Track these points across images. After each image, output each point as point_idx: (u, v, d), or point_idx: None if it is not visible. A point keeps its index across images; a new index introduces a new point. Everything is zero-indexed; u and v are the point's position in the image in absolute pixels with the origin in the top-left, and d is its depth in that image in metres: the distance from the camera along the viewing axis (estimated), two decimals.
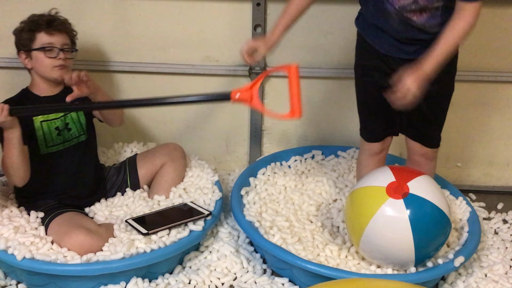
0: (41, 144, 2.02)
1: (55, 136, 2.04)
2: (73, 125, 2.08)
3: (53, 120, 2.04)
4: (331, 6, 2.32)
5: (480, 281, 1.94)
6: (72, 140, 2.08)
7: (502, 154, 2.58)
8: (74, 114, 2.09)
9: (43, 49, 1.98)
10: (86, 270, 1.77)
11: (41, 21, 2.00)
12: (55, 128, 2.03)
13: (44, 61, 1.99)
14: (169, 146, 2.28)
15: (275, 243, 1.93)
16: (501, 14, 2.31)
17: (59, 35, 2.01)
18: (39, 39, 1.99)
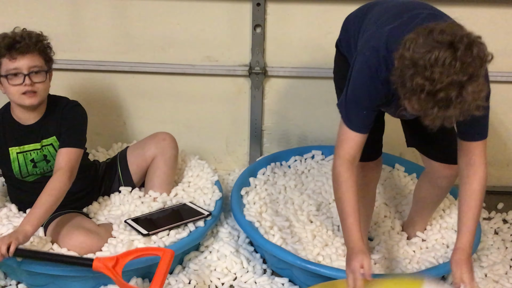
0: (16, 174, 1.97)
1: (31, 168, 1.96)
2: (51, 158, 1.97)
3: (29, 151, 1.96)
4: (331, 6, 2.32)
5: (480, 281, 1.94)
6: (50, 172, 1.94)
7: (502, 154, 2.58)
8: (51, 148, 1.97)
9: (6, 76, 1.83)
10: (86, 270, 1.77)
11: (3, 45, 1.81)
12: (30, 160, 1.96)
13: (10, 88, 1.84)
14: (157, 137, 2.18)
15: (275, 243, 1.93)
16: (501, 14, 2.31)
17: (25, 58, 1.82)
18: (4, 65, 1.83)
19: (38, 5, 2.33)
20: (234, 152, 2.66)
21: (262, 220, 2.06)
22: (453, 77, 1.30)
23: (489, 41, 2.37)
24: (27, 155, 1.96)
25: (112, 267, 1.62)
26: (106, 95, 2.43)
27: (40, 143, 1.96)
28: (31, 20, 2.32)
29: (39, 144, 1.96)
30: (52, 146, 1.97)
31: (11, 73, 1.83)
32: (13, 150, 1.95)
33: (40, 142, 1.96)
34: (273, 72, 2.44)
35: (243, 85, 2.49)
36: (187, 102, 2.54)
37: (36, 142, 1.96)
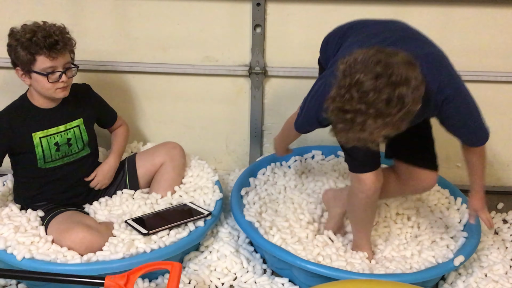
0: (39, 159, 2.00)
1: (54, 152, 2.01)
2: (74, 141, 2.05)
3: (53, 135, 2.01)
4: (331, 6, 2.32)
5: (480, 281, 1.94)
6: (72, 156, 2.06)
7: (502, 154, 2.58)
8: (77, 130, 2.06)
9: (44, 74, 1.89)
10: (87, 270, 1.77)
11: (41, 43, 1.85)
12: (54, 143, 2.01)
13: (46, 84, 1.91)
14: (168, 145, 2.27)
15: (275, 243, 1.93)
16: (501, 14, 2.31)
17: (61, 57, 1.90)
18: (40, 62, 1.87)
19: (38, 5, 2.33)
20: (234, 152, 2.66)
21: (262, 220, 2.06)
22: (361, 106, 1.36)
23: (489, 41, 2.39)
24: (50, 139, 2.00)
25: (124, 285, 1.62)
26: (106, 95, 2.42)
27: (64, 125, 2.03)
28: (31, 20, 2.32)
29: (63, 126, 2.03)
30: (78, 128, 2.06)
31: (48, 71, 1.89)
32: (37, 135, 1.98)
33: (64, 125, 2.03)
34: (273, 72, 2.44)
35: (243, 85, 2.49)
36: (187, 102, 2.54)
37: (60, 125, 2.02)
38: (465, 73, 2.39)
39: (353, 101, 1.38)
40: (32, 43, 1.85)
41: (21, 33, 1.88)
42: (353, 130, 1.42)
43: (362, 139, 1.44)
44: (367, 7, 2.31)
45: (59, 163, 2.04)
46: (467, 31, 2.34)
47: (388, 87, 1.37)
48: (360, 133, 1.42)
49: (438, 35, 2.35)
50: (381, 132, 1.42)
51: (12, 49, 1.90)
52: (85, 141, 2.09)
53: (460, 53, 2.38)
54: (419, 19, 2.32)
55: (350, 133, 1.43)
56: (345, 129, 1.43)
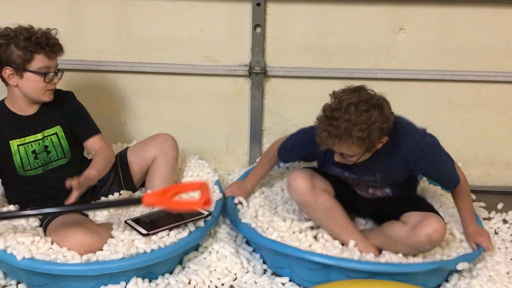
0: (18, 168, 1.97)
1: (32, 160, 1.98)
2: (53, 148, 2.01)
3: (30, 143, 1.97)
4: (331, 6, 2.32)
5: (481, 281, 1.93)
6: (51, 163, 2.02)
7: (502, 154, 2.58)
8: (54, 138, 2.01)
9: (41, 73, 1.87)
10: (87, 270, 1.77)
11: (42, 42, 1.84)
12: (31, 151, 1.97)
13: (39, 84, 1.88)
14: (159, 138, 2.21)
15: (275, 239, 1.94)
16: (501, 14, 2.31)
17: (55, 59, 1.92)
18: (38, 61, 1.86)
19: (38, 5, 2.33)
20: (234, 152, 2.66)
21: (258, 222, 2.05)
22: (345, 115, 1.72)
23: (489, 41, 2.39)
24: (28, 147, 1.97)
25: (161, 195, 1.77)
26: (106, 95, 2.43)
27: (41, 133, 1.99)
28: (32, 20, 2.31)
29: (41, 134, 1.99)
30: (56, 136, 2.01)
31: (43, 71, 1.87)
32: (14, 143, 1.96)
33: (42, 132, 1.99)
34: (273, 72, 2.44)
35: (243, 85, 2.49)
36: (187, 102, 2.54)
37: (37, 133, 1.98)
38: (465, 73, 2.41)
39: (340, 113, 1.72)
40: (31, 41, 1.83)
41: (14, 32, 1.85)
42: (332, 141, 1.74)
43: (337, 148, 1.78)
44: (367, 7, 2.31)
45: (40, 170, 2.00)
46: (467, 31, 2.34)
47: (366, 105, 1.73)
48: (338, 146, 1.76)
49: (438, 35, 2.36)
50: (348, 152, 1.77)
51: (2, 48, 1.84)
52: (65, 149, 2.03)
53: (460, 53, 2.38)
54: (419, 19, 2.33)
55: (328, 140, 1.75)
56: (326, 137, 1.75)
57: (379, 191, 2.04)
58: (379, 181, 1.97)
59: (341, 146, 1.76)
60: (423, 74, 2.40)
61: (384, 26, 2.35)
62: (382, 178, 1.94)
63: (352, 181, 2.04)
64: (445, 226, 1.85)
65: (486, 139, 2.55)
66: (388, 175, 1.92)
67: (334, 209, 1.95)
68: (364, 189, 2.05)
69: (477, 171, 2.61)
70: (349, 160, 1.82)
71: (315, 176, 1.97)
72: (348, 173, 1.97)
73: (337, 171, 1.99)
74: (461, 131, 2.52)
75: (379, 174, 1.93)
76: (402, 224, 1.90)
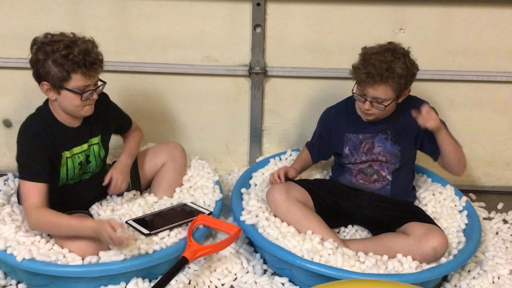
0: (62, 178, 1.93)
1: (77, 171, 1.97)
2: (93, 157, 2.00)
3: (77, 154, 1.95)
4: (331, 6, 2.32)
5: (481, 282, 1.93)
6: (88, 173, 2.02)
7: (502, 154, 2.58)
8: (96, 147, 2.00)
9: (78, 92, 1.80)
10: (88, 271, 1.77)
11: (80, 62, 1.75)
12: (78, 163, 1.96)
13: (76, 101, 1.82)
14: (169, 145, 2.27)
15: (274, 240, 1.93)
16: (501, 14, 2.31)
17: (95, 75, 1.84)
18: (76, 81, 1.78)
19: (38, 5, 2.32)
20: (234, 152, 2.66)
21: (261, 221, 2.05)
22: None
23: (489, 41, 2.39)
24: (75, 159, 1.95)
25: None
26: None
27: (88, 143, 1.97)
28: (32, 20, 2.33)
29: (87, 144, 1.97)
30: (98, 145, 2.01)
31: (80, 90, 1.81)
32: (65, 154, 1.91)
33: (88, 142, 1.97)
34: (273, 72, 2.44)
35: (243, 85, 2.49)
36: (187, 102, 2.53)
37: (84, 143, 1.96)
38: (465, 73, 2.41)
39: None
40: (69, 60, 1.74)
41: (52, 46, 1.76)
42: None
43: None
44: (367, 7, 2.31)
45: (77, 180, 2.00)
46: (467, 31, 2.34)
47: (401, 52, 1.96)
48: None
49: (438, 35, 2.36)
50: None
51: (40, 63, 1.77)
52: (102, 157, 2.05)
53: (460, 53, 2.38)
54: (419, 19, 2.33)
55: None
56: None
57: (381, 178, 2.10)
58: (388, 149, 2.08)
59: (378, 88, 1.93)
60: (423, 74, 2.40)
61: (384, 26, 2.35)
62: (393, 137, 2.07)
63: (360, 165, 2.13)
64: (447, 239, 1.92)
65: (486, 139, 2.55)
66: (399, 134, 2.07)
67: (308, 217, 2.02)
68: (367, 177, 2.12)
69: (477, 171, 2.61)
70: (378, 107, 1.97)
71: (292, 189, 2.08)
72: (362, 135, 2.10)
73: (352, 138, 2.12)
74: (461, 131, 2.52)
75: (390, 132, 2.08)
76: (406, 237, 1.93)
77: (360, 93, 2.00)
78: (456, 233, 2.07)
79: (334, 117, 2.19)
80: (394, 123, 2.07)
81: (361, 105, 2.01)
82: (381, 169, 2.11)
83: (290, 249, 1.89)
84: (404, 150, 2.09)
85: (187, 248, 1.83)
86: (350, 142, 2.13)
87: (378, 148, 2.10)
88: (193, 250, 1.81)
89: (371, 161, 2.11)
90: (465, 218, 2.14)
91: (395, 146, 2.09)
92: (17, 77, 2.42)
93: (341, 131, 2.15)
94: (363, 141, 2.11)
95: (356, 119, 2.12)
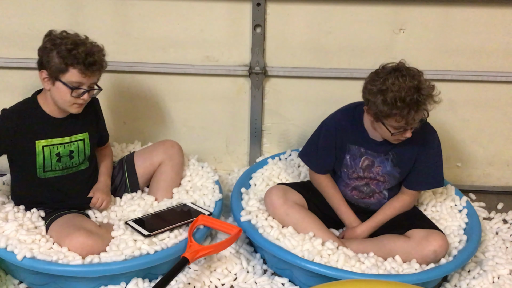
0: (38, 168, 1.96)
1: (54, 162, 1.98)
2: (77, 154, 2.02)
3: (56, 145, 1.97)
4: (331, 6, 2.32)
5: (481, 282, 1.94)
6: (72, 168, 2.03)
7: (502, 154, 2.58)
8: (81, 144, 2.02)
9: (70, 86, 1.85)
10: (88, 271, 1.77)
11: (80, 58, 1.82)
12: (55, 154, 1.97)
13: (66, 96, 1.87)
14: (166, 144, 2.26)
15: (274, 240, 1.93)
16: (501, 14, 2.31)
17: (92, 77, 1.88)
18: (71, 75, 1.83)
19: (38, 5, 2.32)
20: (234, 152, 2.66)
21: (261, 221, 2.05)
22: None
23: (489, 41, 2.39)
24: (53, 149, 1.97)
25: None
26: (106, 95, 2.42)
27: (69, 137, 1.99)
28: (31, 20, 2.33)
29: (69, 138, 1.99)
30: (82, 142, 2.02)
31: (74, 85, 1.85)
32: (40, 143, 1.95)
33: (70, 137, 1.99)
34: (273, 72, 2.44)
35: (243, 85, 2.49)
36: (187, 102, 2.53)
37: (65, 136, 1.99)
38: (465, 73, 2.41)
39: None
40: (71, 55, 1.81)
41: (61, 40, 1.84)
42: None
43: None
44: (367, 7, 2.31)
45: (59, 173, 2.01)
46: (467, 31, 2.34)
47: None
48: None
49: (438, 35, 2.36)
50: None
51: (46, 51, 1.85)
52: (86, 155, 2.05)
53: (460, 53, 2.38)
54: (419, 19, 2.33)
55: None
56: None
57: (377, 194, 2.09)
58: (388, 170, 2.03)
59: (416, 116, 1.83)
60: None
61: (384, 26, 2.35)
62: (394, 159, 2.01)
63: (356, 181, 2.09)
64: (448, 242, 1.93)
65: (486, 139, 2.55)
66: (400, 156, 2.01)
67: (306, 219, 2.03)
68: (362, 194, 2.10)
69: (477, 171, 2.61)
70: (406, 136, 1.89)
71: (289, 192, 2.08)
72: (364, 149, 2.03)
73: (354, 149, 2.05)
74: (461, 131, 2.52)
75: (391, 153, 2.01)
76: (407, 239, 1.94)
77: (400, 126, 1.87)
78: (456, 231, 2.08)
79: (343, 125, 2.06)
80: (398, 145, 1.99)
81: (399, 135, 1.90)
82: (377, 187, 2.08)
83: (290, 249, 1.90)
84: (403, 172, 2.04)
85: (187, 249, 1.83)
86: (351, 152, 2.06)
87: (377, 168, 2.04)
88: (194, 250, 1.81)
89: (368, 179, 2.06)
90: (465, 217, 2.15)
91: (395, 168, 2.03)
92: (17, 77, 2.42)
93: (344, 140, 2.06)
94: (363, 155, 2.04)
95: (362, 133, 2.03)
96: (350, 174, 2.08)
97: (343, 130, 2.06)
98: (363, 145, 2.03)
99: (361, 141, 2.03)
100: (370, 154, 2.03)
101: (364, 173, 2.06)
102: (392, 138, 1.91)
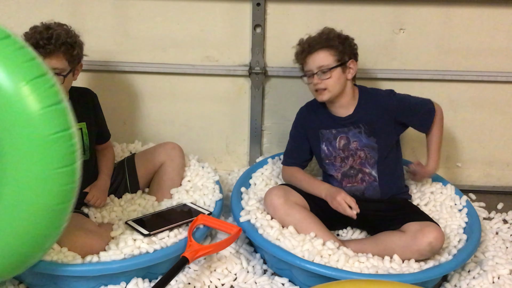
0: None
1: None
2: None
3: None
4: (331, 6, 2.32)
5: (481, 282, 1.93)
6: None
7: (502, 154, 2.58)
8: (78, 133, 2.00)
9: None
10: (88, 270, 1.77)
11: (33, 40, 1.81)
12: None
13: None
14: (167, 145, 2.27)
15: (274, 240, 1.93)
16: (502, 14, 2.31)
17: (49, 59, 1.82)
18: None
19: (38, 5, 2.33)
20: (234, 152, 2.66)
21: (261, 221, 2.05)
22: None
23: (489, 41, 2.39)
24: None
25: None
26: (106, 95, 2.42)
27: None
28: (31, 20, 2.32)
29: None
30: (80, 132, 2.02)
31: None
32: None
33: None
34: (273, 72, 2.44)
35: (243, 85, 2.49)
36: (187, 102, 2.54)
37: None
38: (465, 73, 2.41)
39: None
40: (31, 37, 1.83)
41: (33, 29, 1.87)
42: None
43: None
44: (367, 7, 2.32)
45: None
46: (467, 31, 2.34)
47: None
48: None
49: (438, 35, 2.36)
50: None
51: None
52: (86, 146, 2.05)
53: (460, 53, 2.38)
54: (419, 19, 2.33)
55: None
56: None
57: (367, 176, 2.09)
58: (364, 143, 2.07)
59: (317, 55, 2.01)
60: (423, 74, 2.40)
61: (384, 26, 2.35)
62: (366, 130, 2.07)
63: (342, 169, 2.11)
64: (443, 234, 1.91)
65: (486, 139, 2.55)
66: (371, 126, 2.07)
67: (307, 220, 2.02)
68: (353, 179, 2.10)
69: (477, 171, 2.61)
70: (325, 77, 2.00)
71: (290, 192, 2.08)
72: (335, 129, 2.10)
73: (326, 134, 2.11)
74: (461, 131, 2.53)
75: (362, 125, 2.07)
76: (402, 234, 1.94)
77: (306, 71, 2.05)
78: (456, 230, 2.07)
79: (306, 115, 2.18)
80: (364, 116, 2.06)
81: (312, 84, 2.04)
82: (363, 166, 2.09)
83: (290, 249, 1.89)
84: (380, 141, 2.07)
85: (187, 248, 1.83)
86: (325, 138, 2.12)
87: (354, 144, 2.08)
88: (194, 250, 1.81)
89: (350, 158, 2.09)
90: (465, 217, 2.14)
91: (371, 138, 2.07)
92: None
93: (315, 128, 2.14)
94: (337, 135, 2.10)
95: (326, 114, 2.12)
96: (334, 162, 2.12)
97: (309, 118, 2.16)
98: (333, 126, 2.10)
99: (329, 122, 2.11)
100: (342, 132, 2.09)
101: (344, 153, 2.10)
102: (310, 87, 2.07)
